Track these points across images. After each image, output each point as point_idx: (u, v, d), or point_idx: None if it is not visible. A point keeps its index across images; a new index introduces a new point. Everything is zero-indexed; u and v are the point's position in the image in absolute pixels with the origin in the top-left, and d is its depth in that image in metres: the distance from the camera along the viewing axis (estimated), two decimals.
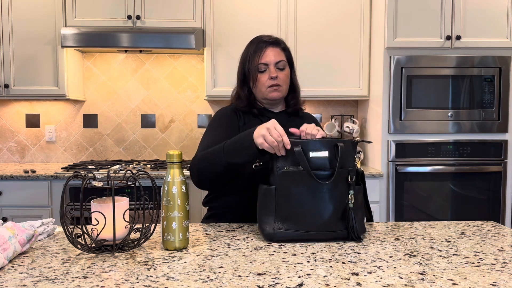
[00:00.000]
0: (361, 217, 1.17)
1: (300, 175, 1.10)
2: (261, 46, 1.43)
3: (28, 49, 2.73)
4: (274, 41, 1.45)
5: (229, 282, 0.82)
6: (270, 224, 1.12)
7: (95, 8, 2.72)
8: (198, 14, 2.75)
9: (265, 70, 1.43)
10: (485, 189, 2.64)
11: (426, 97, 2.59)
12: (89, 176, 0.98)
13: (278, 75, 1.42)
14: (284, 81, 1.45)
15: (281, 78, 1.43)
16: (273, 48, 1.43)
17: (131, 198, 1.11)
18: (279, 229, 1.10)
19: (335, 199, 1.10)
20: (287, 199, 1.11)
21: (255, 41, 1.47)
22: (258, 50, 1.43)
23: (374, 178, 2.59)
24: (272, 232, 1.11)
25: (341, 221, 1.11)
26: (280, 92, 1.44)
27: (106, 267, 0.91)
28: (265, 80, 1.42)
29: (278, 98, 1.45)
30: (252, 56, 1.43)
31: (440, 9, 2.57)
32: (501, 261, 0.95)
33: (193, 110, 3.14)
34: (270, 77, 1.41)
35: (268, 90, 1.43)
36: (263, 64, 1.42)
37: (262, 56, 1.42)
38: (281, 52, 1.45)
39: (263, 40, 1.45)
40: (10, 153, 3.09)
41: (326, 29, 2.81)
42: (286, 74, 1.46)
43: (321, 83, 2.82)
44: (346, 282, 0.82)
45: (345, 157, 1.12)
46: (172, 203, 1.02)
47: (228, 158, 1.20)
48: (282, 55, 1.45)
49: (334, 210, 1.10)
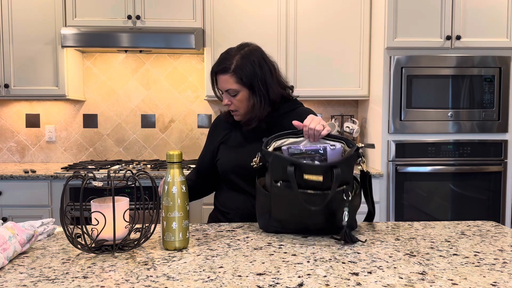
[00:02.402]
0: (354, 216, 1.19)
1: (293, 193, 1.09)
2: (212, 72, 1.40)
3: (28, 49, 2.73)
4: (220, 69, 1.36)
5: (229, 282, 0.82)
6: (266, 220, 1.20)
7: (95, 8, 2.72)
8: (198, 14, 2.75)
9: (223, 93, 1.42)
10: (485, 189, 2.64)
11: (426, 97, 2.59)
12: (89, 176, 0.98)
13: (231, 100, 1.38)
14: (238, 106, 1.38)
15: (234, 104, 1.39)
16: (221, 76, 1.37)
17: (131, 198, 1.11)
18: (272, 225, 1.19)
19: (327, 213, 1.12)
20: (280, 205, 1.16)
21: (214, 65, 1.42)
22: (212, 78, 1.41)
23: (374, 178, 2.59)
24: (267, 226, 1.20)
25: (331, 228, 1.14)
26: (240, 115, 1.41)
27: (106, 267, 0.91)
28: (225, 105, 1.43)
29: (240, 120, 1.43)
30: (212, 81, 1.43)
31: (440, 9, 2.57)
32: (501, 261, 0.95)
33: (193, 110, 3.14)
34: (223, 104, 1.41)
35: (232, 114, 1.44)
36: (219, 90, 1.42)
37: (216, 82, 1.41)
38: (230, 78, 1.35)
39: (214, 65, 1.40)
40: (10, 153, 3.09)
41: (326, 29, 2.81)
42: (239, 100, 1.37)
43: (321, 83, 2.82)
44: (346, 282, 0.82)
45: (342, 176, 1.09)
46: (172, 203, 1.02)
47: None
48: (231, 82, 1.35)
49: (327, 222, 1.14)
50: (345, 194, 1.10)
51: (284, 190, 1.13)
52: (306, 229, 1.17)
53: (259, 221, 1.23)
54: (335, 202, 1.11)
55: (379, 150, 2.63)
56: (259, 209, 1.23)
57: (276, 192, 1.15)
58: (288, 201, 1.13)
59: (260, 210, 1.22)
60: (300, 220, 1.15)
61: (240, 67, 1.34)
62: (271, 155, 1.16)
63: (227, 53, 1.39)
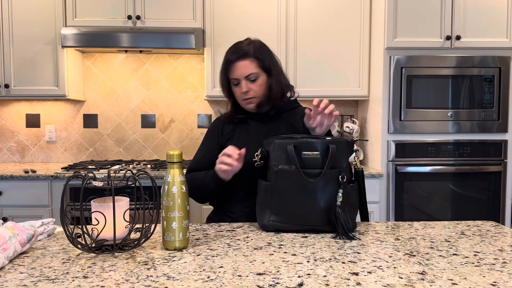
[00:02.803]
0: (354, 214, 1.22)
1: (293, 174, 1.17)
2: (229, 61, 1.43)
3: (28, 49, 2.73)
4: (241, 55, 1.42)
5: (229, 282, 0.82)
6: (265, 217, 1.21)
7: (95, 8, 2.72)
8: (198, 14, 2.76)
9: (237, 83, 1.44)
10: (485, 189, 2.64)
11: (426, 97, 2.59)
12: (89, 176, 0.98)
13: (250, 87, 1.43)
14: (257, 91, 1.44)
15: (253, 90, 1.43)
16: (241, 62, 1.41)
17: (131, 198, 1.11)
18: (273, 221, 1.20)
19: (326, 198, 1.17)
20: (281, 195, 1.20)
21: (226, 54, 1.46)
22: (228, 66, 1.44)
23: (374, 178, 2.59)
24: (267, 224, 1.20)
25: (330, 219, 1.17)
26: (254, 103, 1.46)
27: (106, 267, 0.91)
28: (239, 94, 1.45)
29: (253, 109, 1.47)
30: (223, 72, 1.46)
31: (440, 9, 2.57)
32: (501, 261, 0.95)
33: (193, 110, 3.14)
34: (242, 91, 1.43)
35: (243, 103, 1.47)
36: (234, 79, 1.44)
37: (232, 72, 1.43)
38: (250, 64, 1.41)
39: (232, 54, 1.44)
40: (10, 153, 3.09)
41: (326, 29, 2.81)
42: (259, 84, 1.44)
43: (321, 83, 2.82)
44: (346, 282, 0.83)
45: (337, 158, 1.18)
46: (172, 203, 1.02)
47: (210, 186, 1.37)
48: (252, 67, 1.42)
49: (324, 208, 1.17)
50: (341, 176, 1.16)
51: (284, 173, 1.18)
52: (305, 221, 1.18)
53: (258, 219, 1.24)
54: (331, 184, 1.16)
55: (379, 150, 2.63)
56: (259, 206, 1.25)
57: (276, 177, 1.20)
58: (290, 185, 1.18)
59: (261, 207, 1.24)
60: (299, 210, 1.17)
61: (259, 52, 1.43)
62: (272, 142, 1.23)
63: (240, 43, 1.46)
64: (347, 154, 1.22)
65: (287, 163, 1.18)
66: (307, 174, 1.16)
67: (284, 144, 1.19)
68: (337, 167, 1.18)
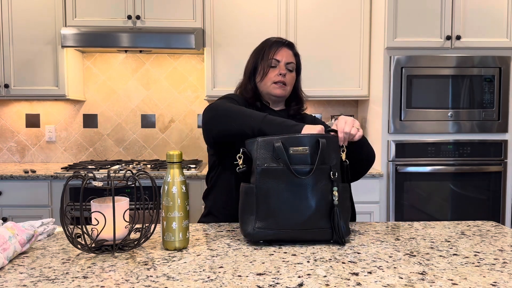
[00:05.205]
0: (347, 218, 1.13)
1: (280, 171, 1.07)
2: (277, 43, 1.50)
3: (28, 49, 2.73)
4: (289, 43, 1.53)
5: (229, 282, 0.82)
6: (251, 224, 1.08)
7: (95, 8, 2.72)
8: (198, 14, 2.75)
9: (275, 66, 1.48)
10: (485, 189, 2.64)
11: (426, 97, 2.59)
12: (89, 176, 0.98)
13: (286, 74, 1.48)
14: (290, 82, 1.50)
15: (288, 78, 1.48)
16: (287, 49, 1.50)
17: (131, 198, 1.10)
18: (259, 228, 1.07)
19: (317, 197, 1.07)
20: (267, 197, 1.08)
21: (272, 39, 1.54)
22: (274, 47, 1.49)
23: (374, 178, 2.59)
24: (252, 232, 1.07)
25: (323, 220, 1.08)
26: (284, 90, 1.49)
27: (106, 267, 0.91)
28: (273, 76, 1.47)
29: (281, 95, 1.49)
30: (267, 51, 1.48)
31: (440, 9, 2.57)
32: (501, 261, 0.95)
33: (193, 110, 3.14)
34: (279, 73, 1.46)
35: (272, 86, 1.47)
36: (276, 60, 1.47)
37: (277, 53, 1.48)
38: (293, 57, 1.52)
39: (280, 39, 1.52)
40: (10, 153, 3.09)
41: (326, 29, 2.81)
42: (293, 77, 1.52)
43: (321, 83, 2.82)
44: (346, 282, 0.82)
45: (328, 154, 1.09)
46: (172, 203, 1.02)
47: (264, 127, 1.18)
48: (294, 59, 1.52)
49: (316, 208, 1.07)
50: (332, 173, 1.08)
51: (270, 172, 1.08)
52: (295, 224, 1.06)
53: (242, 228, 1.10)
54: (323, 181, 1.08)
55: (379, 150, 2.63)
56: (241, 213, 1.12)
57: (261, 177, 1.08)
58: (277, 185, 1.07)
59: (243, 213, 1.11)
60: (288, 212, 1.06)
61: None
62: (255, 141, 1.11)
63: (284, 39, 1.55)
64: (337, 151, 1.14)
65: (273, 161, 1.08)
66: (296, 171, 1.06)
67: (269, 141, 1.09)
68: (327, 164, 1.09)
